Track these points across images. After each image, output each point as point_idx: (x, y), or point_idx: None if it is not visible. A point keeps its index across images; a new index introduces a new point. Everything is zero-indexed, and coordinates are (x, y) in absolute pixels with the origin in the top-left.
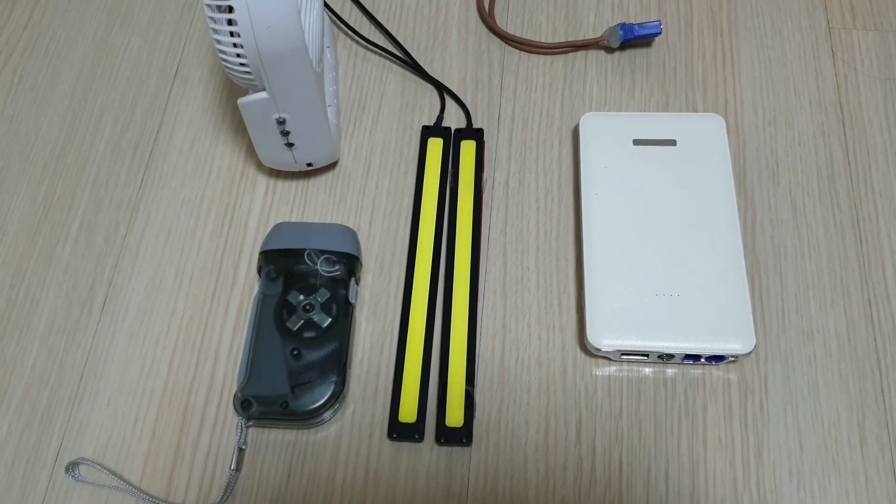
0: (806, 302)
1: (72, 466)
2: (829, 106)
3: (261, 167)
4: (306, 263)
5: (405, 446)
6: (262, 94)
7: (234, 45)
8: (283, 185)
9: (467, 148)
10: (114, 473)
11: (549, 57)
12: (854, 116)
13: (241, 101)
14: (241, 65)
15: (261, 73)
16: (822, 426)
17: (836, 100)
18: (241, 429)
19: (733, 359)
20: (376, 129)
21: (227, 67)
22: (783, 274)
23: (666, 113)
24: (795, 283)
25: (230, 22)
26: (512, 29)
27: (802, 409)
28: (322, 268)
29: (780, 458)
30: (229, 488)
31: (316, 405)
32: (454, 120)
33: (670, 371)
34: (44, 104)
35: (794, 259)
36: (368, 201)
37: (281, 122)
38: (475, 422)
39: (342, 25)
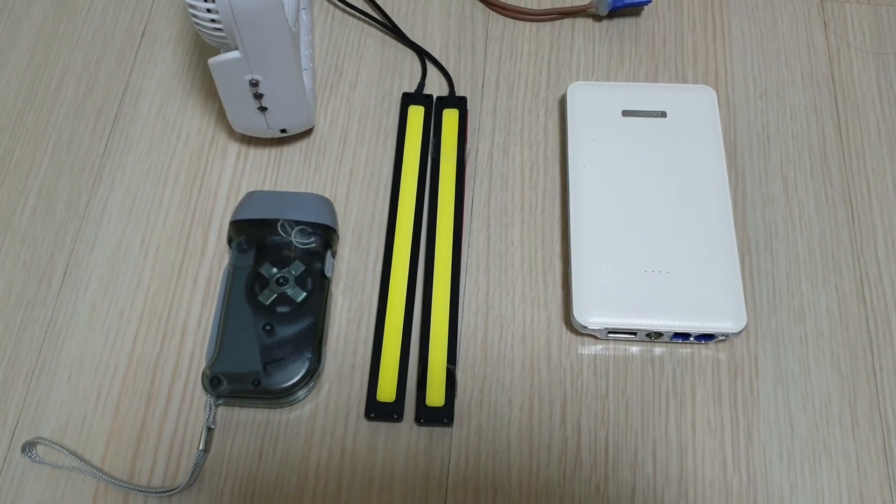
0: (797, 280)
1: (29, 446)
2: (821, 80)
3: (232, 133)
4: (280, 235)
5: (383, 426)
6: (235, 54)
7: (205, 0)
8: (255, 153)
9: (450, 117)
10: (74, 454)
11: (535, 24)
12: (847, 91)
13: (211, 60)
14: (212, 21)
15: (233, 31)
16: (812, 407)
17: (829, 74)
18: (210, 407)
19: (723, 338)
20: (354, 95)
21: (197, 24)
22: (774, 251)
23: (656, 84)
24: (787, 260)
25: None
26: None
27: (793, 389)
28: (296, 239)
29: (770, 440)
30: (197, 470)
31: (289, 383)
32: (436, 87)
33: (658, 350)
34: (1, 64)
35: (785, 236)
36: (345, 171)
37: (254, 83)
38: (456, 401)
39: None
